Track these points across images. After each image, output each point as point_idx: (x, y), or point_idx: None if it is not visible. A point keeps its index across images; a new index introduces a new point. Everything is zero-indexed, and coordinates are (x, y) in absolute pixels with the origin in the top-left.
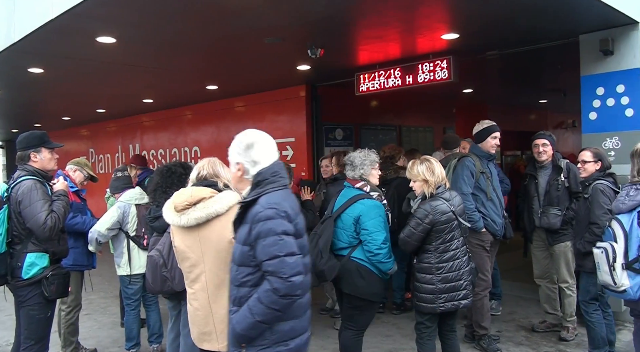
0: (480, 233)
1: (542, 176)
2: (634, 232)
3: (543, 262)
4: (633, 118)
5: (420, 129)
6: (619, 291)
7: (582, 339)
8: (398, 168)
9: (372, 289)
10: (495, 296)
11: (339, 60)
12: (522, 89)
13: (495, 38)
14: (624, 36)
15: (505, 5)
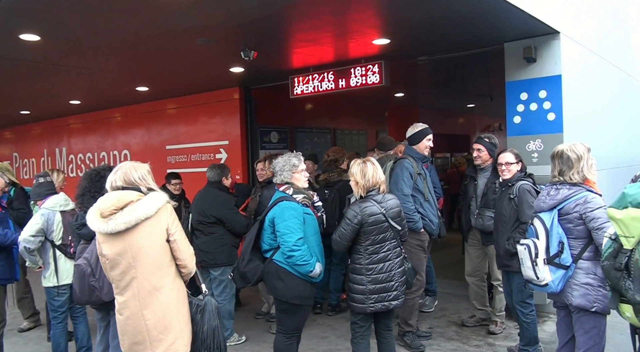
0: (419, 233)
1: (481, 178)
2: (554, 230)
3: (475, 260)
4: (554, 122)
5: (354, 132)
6: (541, 285)
7: (509, 332)
8: (342, 171)
9: (293, 292)
10: (429, 292)
11: (273, 62)
12: (451, 93)
13: (425, 44)
14: (546, 45)
15: (434, 13)
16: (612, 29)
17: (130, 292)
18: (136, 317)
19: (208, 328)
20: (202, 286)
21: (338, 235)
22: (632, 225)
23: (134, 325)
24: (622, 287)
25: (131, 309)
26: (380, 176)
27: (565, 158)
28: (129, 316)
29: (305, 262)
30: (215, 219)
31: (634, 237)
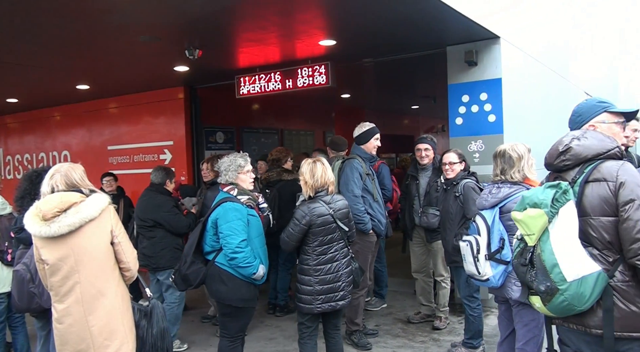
0: (367, 234)
1: (422, 178)
2: (495, 227)
3: (421, 258)
4: (495, 123)
5: (301, 132)
6: (483, 280)
7: (453, 327)
8: (282, 171)
9: (236, 295)
10: (378, 295)
11: (219, 62)
12: (397, 94)
13: (370, 46)
14: (487, 49)
15: (379, 16)
16: (550, 34)
17: (72, 298)
18: (80, 323)
19: (158, 331)
20: (146, 290)
21: (287, 235)
22: (531, 223)
23: (77, 332)
24: (528, 280)
25: (74, 315)
26: (330, 177)
27: (507, 157)
28: (72, 323)
29: (249, 264)
30: (153, 222)
31: (534, 234)
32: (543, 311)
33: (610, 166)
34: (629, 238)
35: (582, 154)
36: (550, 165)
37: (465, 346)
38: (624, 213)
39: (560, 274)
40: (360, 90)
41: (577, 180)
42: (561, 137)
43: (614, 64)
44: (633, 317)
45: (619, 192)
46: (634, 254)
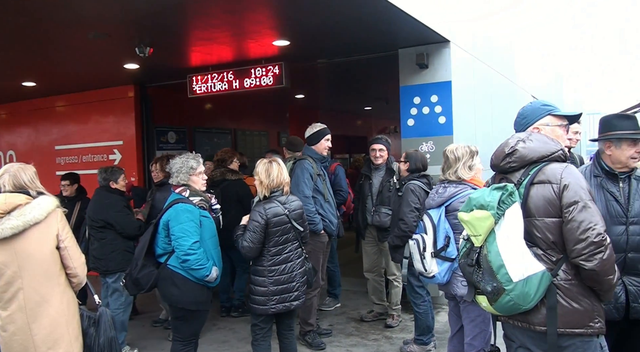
0: (319, 235)
1: (376, 177)
2: (441, 225)
3: (373, 257)
4: (445, 125)
5: (255, 132)
6: (429, 277)
7: (405, 325)
8: (226, 171)
9: (189, 298)
10: (332, 295)
11: (170, 60)
12: (350, 96)
13: (324, 47)
14: (437, 52)
15: (332, 17)
16: (497, 38)
17: (15, 305)
18: (23, 331)
19: (105, 341)
20: (95, 297)
21: (250, 240)
22: (477, 224)
23: (20, 341)
24: (475, 280)
25: (17, 323)
26: (285, 177)
27: (445, 158)
28: (15, 331)
29: (201, 267)
30: (104, 223)
31: (480, 235)
32: (489, 310)
33: (554, 168)
34: (573, 238)
35: (527, 156)
36: (496, 167)
37: (416, 342)
38: (568, 214)
39: (506, 274)
40: (315, 91)
41: (522, 182)
42: (507, 139)
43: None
44: (575, 314)
45: (563, 194)
46: (578, 253)
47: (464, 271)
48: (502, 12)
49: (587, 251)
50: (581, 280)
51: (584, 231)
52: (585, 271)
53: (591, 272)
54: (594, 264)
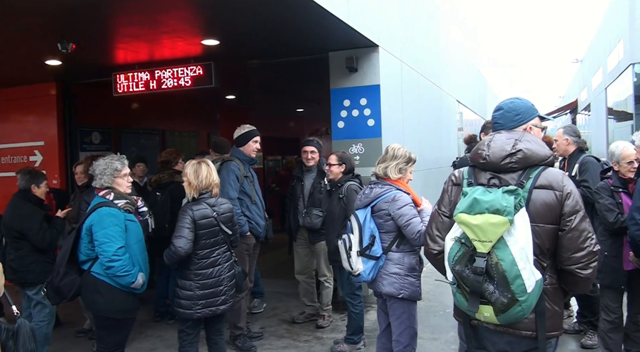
0: (245, 237)
1: (307, 179)
2: (367, 225)
3: (304, 259)
4: (374, 127)
5: (184, 133)
6: (355, 275)
7: (336, 325)
8: (174, 172)
9: (114, 306)
10: (257, 294)
11: (95, 57)
12: (282, 97)
13: (255, 48)
14: (366, 56)
15: (261, 18)
16: (424, 44)
17: None
18: None
19: None
20: (13, 307)
21: (181, 234)
22: (490, 230)
23: None
24: (485, 290)
25: None
26: (215, 178)
27: (385, 152)
28: None
29: (127, 273)
30: (19, 234)
31: (490, 242)
32: (491, 320)
33: (555, 174)
34: (573, 247)
35: (530, 158)
36: (490, 164)
37: (347, 341)
38: (570, 223)
39: (522, 285)
40: (246, 91)
41: (525, 185)
42: (496, 136)
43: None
44: (556, 316)
45: (565, 202)
46: (576, 261)
47: (465, 279)
48: (429, 22)
49: (585, 260)
50: (560, 284)
51: (584, 240)
52: (577, 278)
53: (585, 279)
54: (589, 272)
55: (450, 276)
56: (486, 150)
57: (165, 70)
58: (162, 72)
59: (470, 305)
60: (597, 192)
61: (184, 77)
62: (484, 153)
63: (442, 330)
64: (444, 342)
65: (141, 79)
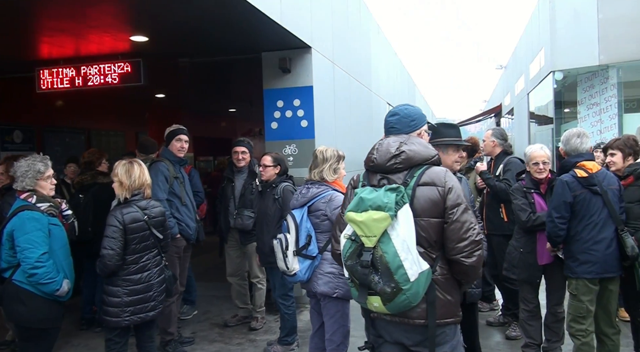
0: (175, 239)
1: (238, 180)
2: (303, 224)
3: (236, 260)
4: (307, 128)
5: (111, 133)
6: (291, 275)
7: (269, 326)
8: (97, 174)
9: (37, 316)
10: (188, 301)
11: (17, 50)
12: (214, 97)
13: (186, 45)
14: (300, 57)
15: (191, 16)
16: (355, 46)
17: None
18: None
19: None
20: None
21: (109, 247)
22: (373, 225)
23: None
24: (371, 282)
25: None
26: (147, 178)
27: (315, 157)
28: None
29: (51, 280)
30: None
31: (375, 236)
32: (380, 310)
33: (438, 172)
34: (456, 237)
35: (413, 158)
36: (379, 166)
37: (280, 343)
38: (452, 215)
39: (404, 275)
40: (177, 90)
41: (409, 183)
42: (384, 140)
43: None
44: (449, 305)
45: (447, 196)
46: (460, 251)
47: (355, 273)
48: (360, 24)
49: (468, 249)
50: (452, 274)
51: (466, 231)
52: (463, 266)
53: (470, 267)
54: (473, 260)
55: (346, 272)
56: (375, 154)
57: (92, 66)
58: (88, 68)
59: (360, 296)
60: (512, 193)
61: (112, 74)
62: (372, 156)
63: None
64: None
65: (66, 75)
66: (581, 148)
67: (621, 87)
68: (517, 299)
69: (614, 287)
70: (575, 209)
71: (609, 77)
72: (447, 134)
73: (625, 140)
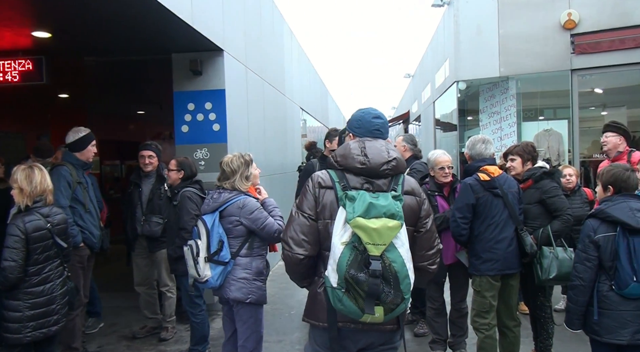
0: (78, 248)
1: (145, 185)
2: (215, 230)
3: (144, 269)
4: (219, 132)
5: (10, 134)
6: (203, 282)
7: (180, 336)
8: None
9: None
10: (93, 314)
11: None
12: (122, 98)
13: (92, 43)
14: (211, 60)
15: (96, 12)
16: (268, 51)
17: None
18: None
19: None
20: None
21: (11, 258)
22: (386, 233)
23: None
24: (381, 292)
25: None
26: (49, 184)
27: (222, 170)
28: None
29: None
30: None
31: (384, 244)
32: (378, 319)
33: (414, 181)
34: (427, 246)
35: (400, 166)
36: (369, 170)
37: None
38: (426, 225)
39: (409, 284)
40: (82, 90)
41: (398, 190)
42: (372, 143)
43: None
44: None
45: (422, 206)
46: (427, 258)
47: (359, 283)
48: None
49: (434, 257)
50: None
51: (434, 240)
52: (427, 273)
53: (432, 273)
54: (435, 267)
55: (337, 281)
56: (363, 157)
57: None
58: None
59: (367, 308)
60: None
61: (11, 72)
62: (361, 158)
63: (287, 332)
64: (289, 343)
65: None
66: (485, 153)
67: (520, 98)
68: (424, 298)
69: (515, 282)
70: (478, 210)
71: (508, 88)
72: None
73: (524, 147)
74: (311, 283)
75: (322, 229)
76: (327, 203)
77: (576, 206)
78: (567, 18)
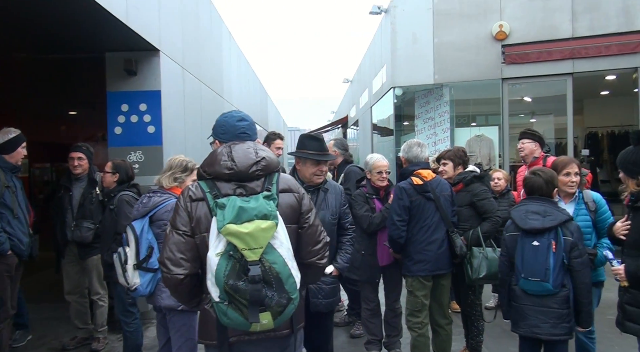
0: (5, 256)
1: (76, 189)
2: (144, 236)
3: (74, 277)
4: (154, 134)
5: None
6: (132, 290)
7: (112, 346)
8: None
9: None
10: (20, 326)
11: None
12: (53, 98)
13: (20, 39)
14: (147, 60)
15: (22, 5)
16: (206, 52)
17: None
18: None
19: None
20: None
21: None
22: (261, 236)
23: None
24: (264, 297)
25: None
26: None
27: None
28: None
29: None
30: None
31: (261, 248)
32: (267, 327)
33: (290, 178)
34: (313, 241)
35: (271, 165)
36: (239, 174)
37: None
38: (309, 220)
39: (294, 283)
40: (9, 89)
41: (272, 190)
42: (237, 146)
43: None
44: (301, 310)
45: (302, 202)
46: (315, 254)
47: (240, 292)
48: (211, 31)
49: (322, 251)
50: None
51: (319, 234)
52: (317, 268)
53: (322, 268)
54: (325, 261)
55: (217, 294)
56: (230, 161)
57: None
58: None
59: (252, 316)
60: (354, 199)
61: None
62: (228, 163)
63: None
64: None
65: None
66: (421, 156)
67: (453, 105)
68: (360, 300)
69: (446, 282)
70: (411, 213)
71: (442, 94)
72: (310, 146)
73: (456, 152)
74: (200, 302)
75: (200, 244)
76: (201, 216)
77: (504, 208)
78: (499, 29)
